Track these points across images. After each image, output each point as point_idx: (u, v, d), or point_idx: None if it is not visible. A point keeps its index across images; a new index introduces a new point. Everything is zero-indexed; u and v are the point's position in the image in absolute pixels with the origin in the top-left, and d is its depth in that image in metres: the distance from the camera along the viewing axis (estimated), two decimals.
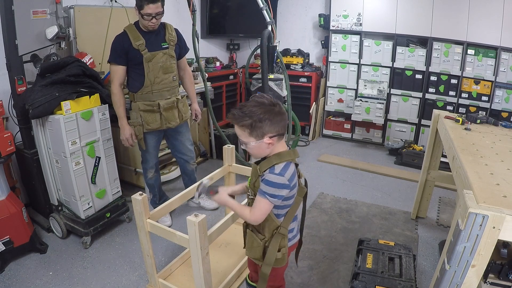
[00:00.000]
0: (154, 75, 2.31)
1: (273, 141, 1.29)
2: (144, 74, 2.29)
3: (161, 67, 2.32)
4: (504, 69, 3.63)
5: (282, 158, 1.30)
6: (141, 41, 2.24)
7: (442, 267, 1.25)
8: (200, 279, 1.66)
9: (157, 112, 2.36)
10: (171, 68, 2.38)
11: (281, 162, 1.30)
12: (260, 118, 1.24)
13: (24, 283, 2.04)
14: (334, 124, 4.73)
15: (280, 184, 1.27)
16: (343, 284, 2.06)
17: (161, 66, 2.31)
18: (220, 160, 2.85)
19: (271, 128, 1.26)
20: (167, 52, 2.33)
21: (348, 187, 3.37)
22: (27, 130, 2.35)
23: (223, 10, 4.67)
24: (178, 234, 1.68)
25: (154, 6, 2.15)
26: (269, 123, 1.25)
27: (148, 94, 2.34)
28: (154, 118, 2.36)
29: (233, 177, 2.57)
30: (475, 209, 1.10)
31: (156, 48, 2.29)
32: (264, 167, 1.31)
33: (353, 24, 4.27)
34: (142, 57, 2.25)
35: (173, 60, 2.39)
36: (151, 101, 2.34)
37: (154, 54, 2.28)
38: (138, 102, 2.34)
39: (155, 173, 2.62)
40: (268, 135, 1.27)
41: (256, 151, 1.32)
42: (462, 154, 1.60)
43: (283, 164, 1.30)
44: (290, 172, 1.30)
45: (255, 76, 3.26)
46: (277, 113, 1.28)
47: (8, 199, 2.18)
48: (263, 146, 1.29)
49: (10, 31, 2.19)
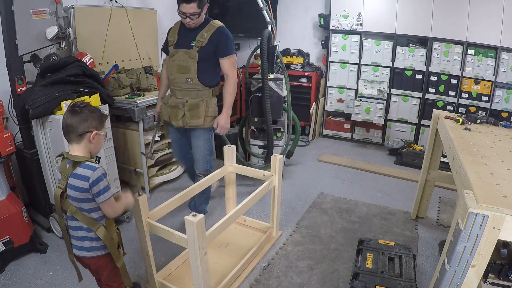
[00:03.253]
0: (170, 71, 2.37)
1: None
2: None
3: (177, 65, 2.31)
4: (504, 69, 3.63)
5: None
6: (175, 37, 2.33)
7: (442, 267, 1.25)
8: (198, 279, 1.67)
9: (166, 106, 2.44)
10: (186, 69, 2.29)
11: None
12: None
13: (24, 283, 2.05)
14: (334, 124, 4.73)
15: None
16: (343, 284, 2.06)
17: (177, 65, 2.31)
18: (220, 160, 2.84)
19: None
20: (188, 52, 2.27)
21: (348, 187, 3.37)
22: (27, 130, 2.35)
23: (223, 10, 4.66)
24: (176, 234, 1.68)
25: (188, 6, 2.16)
26: None
27: (170, 88, 2.48)
28: (166, 110, 2.45)
29: (233, 177, 2.57)
30: (475, 209, 1.10)
31: (182, 46, 2.30)
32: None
33: (353, 24, 4.27)
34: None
35: (192, 62, 2.28)
36: (169, 94, 2.49)
37: (176, 51, 2.32)
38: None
39: (184, 166, 2.74)
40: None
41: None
42: (462, 154, 1.60)
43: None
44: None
45: (255, 76, 3.26)
46: None
47: (8, 199, 2.18)
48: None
49: (10, 31, 2.19)
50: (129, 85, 2.95)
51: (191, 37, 2.28)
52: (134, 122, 2.88)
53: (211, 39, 2.26)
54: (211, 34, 2.27)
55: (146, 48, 3.60)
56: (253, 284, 2.07)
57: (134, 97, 2.84)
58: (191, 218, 1.54)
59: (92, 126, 1.45)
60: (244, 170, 2.50)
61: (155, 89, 3.09)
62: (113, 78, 2.88)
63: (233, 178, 2.58)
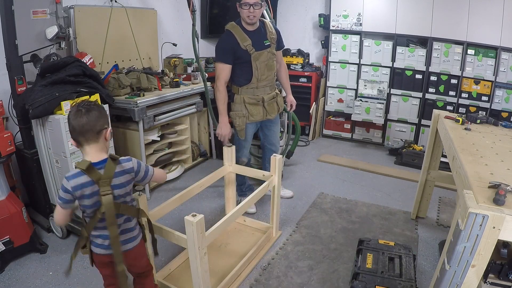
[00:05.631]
0: (261, 72, 2.47)
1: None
2: (251, 72, 2.45)
3: (266, 65, 2.48)
4: (504, 69, 3.63)
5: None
6: (248, 41, 2.39)
7: (442, 267, 1.24)
8: (198, 278, 1.67)
9: (261, 105, 2.55)
10: (273, 65, 2.55)
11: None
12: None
13: (24, 283, 2.04)
14: (334, 124, 4.73)
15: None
16: (343, 284, 2.06)
17: (266, 64, 2.48)
18: (220, 160, 2.84)
19: None
20: (270, 51, 2.49)
21: (348, 187, 3.37)
22: (27, 130, 2.35)
23: (223, 10, 4.66)
24: (176, 234, 1.68)
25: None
26: None
27: (253, 89, 2.52)
28: (258, 110, 2.55)
29: (233, 177, 2.57)
30: (475, 209, 1.10)
31: (261, 47, 2.44)
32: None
33: (353, 24, 4.27)
34: (250, 56, 2.40)
35: (274, 57, 2.55)
36: (256, 95, 2.53)
37: (260, 53, 2.43)
38: (243, 96, 2.52)
39: (246, 159, 2.75)
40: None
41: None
42: (462, 154, 1.60)
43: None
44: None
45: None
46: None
47: (8, 199, 2.18)
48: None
49: (10, 31, 2.19)
50: (129, 85, 2.95)
51: (258, 38, 2.45)
52: (134, 122, 2.88)
53: (277, 35, 2.58)
54: (273, 30, 2.55)
55: (146, 48, 3.60)
56: (253, 284, 2.07)
57: (134, 97, 2.84)
58: (190, 218, 1.54)
59: (106, 123, 1.43)
60: (244, 170, 2.51)
61: (155, 89, 3.09)
62: (113, 78, 2.88)
63: (233, 178, 2.58)
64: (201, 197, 3.06)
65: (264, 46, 2.46)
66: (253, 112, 2.54)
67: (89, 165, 1.31)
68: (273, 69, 2.56)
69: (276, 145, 2.85)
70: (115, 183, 1.36)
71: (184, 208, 2.83)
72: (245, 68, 2.45)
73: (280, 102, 2.71)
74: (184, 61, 3.85)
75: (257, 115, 2.56)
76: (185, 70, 3.84)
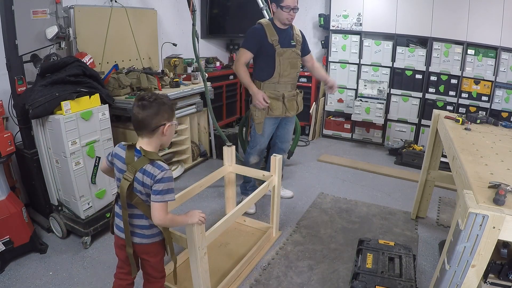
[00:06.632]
0: (283, 68, 2.56)
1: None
2: (273, 66, 2.54)
3: (290, 62, 2.57)
4: (504, 69, 3.63)
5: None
6: (276, 37, 2.51)
7: (442, 267, 1.24)
8: (198, 278, 1.67)
9: (281, 101, 2.61)
10: (297, 64, 2.64)
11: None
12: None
13: (24, 283, 2.04)
14: (334, 124, 4.73)
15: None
16: (343, 284, 2.06)
17: (290, 61, 2.57)
18: (220, 160, 2.85)
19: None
20: (295, 50, 2.60)
21: (348, 187, 3.37)
22: (27, 130, 2.35)
23: (223, 10, 4.67)
24: (176, 234, 1.68)
25: (293, 0, 2.44)
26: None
27: (274, 84, 2.59)
28: (278, 105, 2.61)
29: (233, 177, 2.57)
30: (475, 209, 1.10)
31: (286, 45, 2.56)
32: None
33: (353, 24, 4.27)
34: (275, 51, 2.51)
35: (298, 58, 2.65)
36: (277, 90, 2.60)
37: (285, 50, 2.54)
38: (264, 90, 2.58)
39: (258, 158, 2.80)
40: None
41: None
42: (462, 154, 1.60)
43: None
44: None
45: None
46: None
47: (8, 199, 2.18)
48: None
49: (10, 31, 2.19)
50: (129, 85, 2.95)
51: (286, 37, 2.57)
52: None
53: (303, 39, 2.69)
54: (300, 33, 2.67)
55: (146, 48, 3.61)
56: (253, 284, 2.07)
57: (134, 97, 2.84)
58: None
59: (164, 119, 1.41)
60: (244, 170, 2.51)
61: (155, 89, 3.08)
62: (113, 78, 2.88)
63: (233, 178, 2.58)
64: (201, 197, 3.06)
65: (290, 44, 2.58)
66: (273, 106, 2.59)
67: (131, 146, 1.44)
68: (297, 68, 2.64)
69: (287, 144, 2.92)
70: (137, 177, 1.39)
71: (184, 208, 2.83)
72: (269, 62, 2.54)
73: (300, 101, 2.77)
74: (184, 61, 3.86)
75: (277, 110, 2.62)
76: (185, 70, 3.84)
